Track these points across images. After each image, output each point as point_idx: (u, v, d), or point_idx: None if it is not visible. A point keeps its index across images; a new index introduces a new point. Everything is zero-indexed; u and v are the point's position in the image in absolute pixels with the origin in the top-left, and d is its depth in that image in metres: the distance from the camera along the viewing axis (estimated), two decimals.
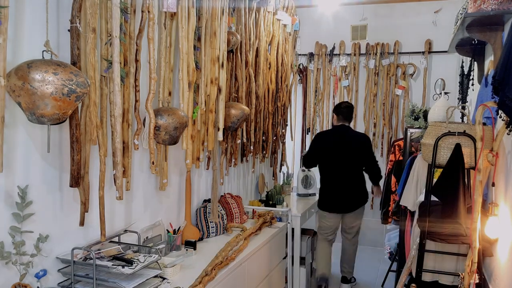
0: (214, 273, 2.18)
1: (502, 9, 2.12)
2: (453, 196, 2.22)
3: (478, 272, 2.14)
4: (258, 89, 3.49)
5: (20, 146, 1.62)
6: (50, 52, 1.52)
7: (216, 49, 2.67)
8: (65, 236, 1.84)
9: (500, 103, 1.77)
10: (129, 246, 2.09)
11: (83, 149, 1.75)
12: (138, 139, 2.09)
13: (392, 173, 3.89)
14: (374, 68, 5.05)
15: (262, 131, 3.69)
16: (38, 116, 1.45)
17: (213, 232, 2.85)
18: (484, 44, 2.87)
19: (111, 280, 1.78)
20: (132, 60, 2.01)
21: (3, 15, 1.39)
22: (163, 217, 2.55)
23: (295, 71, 4.63)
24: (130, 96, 2.02)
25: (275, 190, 3.88)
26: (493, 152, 2.09)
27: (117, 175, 1.89)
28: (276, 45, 3.79)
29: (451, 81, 4.57)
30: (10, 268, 1.58)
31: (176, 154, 2.62)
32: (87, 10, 1.67)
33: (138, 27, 2.05)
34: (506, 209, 2.02)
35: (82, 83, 1.49)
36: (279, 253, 3.25)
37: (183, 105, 2.38)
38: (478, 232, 2.07)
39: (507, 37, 1.84)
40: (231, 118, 2.91)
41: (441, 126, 2.35)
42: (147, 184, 2.38)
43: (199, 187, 2.97)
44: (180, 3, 2.29)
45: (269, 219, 3.20)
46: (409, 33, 4.95)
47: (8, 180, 1.57)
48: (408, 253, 2.86)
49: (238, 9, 3.15)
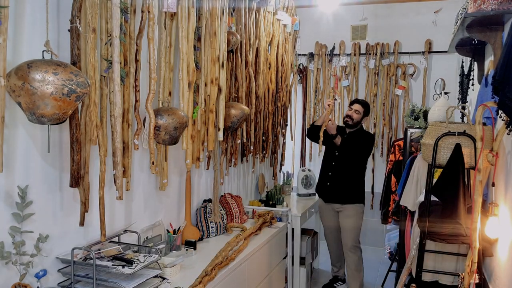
0: (214, 273, 2.18)
1: (502, 9, 2.12)
2: (453, 196, 2.22)
3: (478, 272, 2.14)
4: (258, 89, 3.49)
5: (20, 146, 1.62)
6: (50, 52, 1.52)
7: (216, 49, 2.67)
8: (65, 236, 1.84)
9: (500, 103, 1.77)
10: (129, 246, 2.09)
11: (83, 149, 1.75)
12: (138, 139, 2.09)
13: (392, 173, 3.89)
14: (374, 68, 5.05)
15: (262, 131, 3.69)
16: (38, 116, 1.45)
17: (213, 232, 2.85)
18: (484, 44, 2.87)
19: (111, 280, 1.78)
20: (132, 60, 2.01)
21: (3, 15, 1.39)
22: (163, 217, 2.55)
23: (295, 71, 4.63)
24: (130, 96, 2.02)
25: (275, 190, 3.88)
26: (493, 152, 2.09)
27: (117, 175, 1.89)
28: (276, 45, 3.79)
29: (451, 81, 4.57)
30: (10, 268, 1.58)
31: (176, 154, 2.62)
32: (87, 10, 1.67)
33: (138, 27, 2.05)
34: (506, 209, 2.02)
35: (82, 83, 1.49)
36: (279, 253, 3.25)
37: (183, 105, 2.38)
38: (478, 232, 2.07)
39: (507, 37, 1.84)
40: (231, 118, 2.91)
41: (441, 126, 2.35)
42: (147, 184, 2.38)
43: (199, 187, 2.97)
44: (180, 3, 2.29)
45: (269, 219, 3.20)
46: (409, 33, 4.95)
47: (8, 180, 1.57)
48: (408, 253, 2.86)
49: (238, 9, 3.15)
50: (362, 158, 3.77)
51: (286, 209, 3.50)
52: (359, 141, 3.69)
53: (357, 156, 3.72)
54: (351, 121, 3.71)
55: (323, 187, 3.87)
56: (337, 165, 3.76)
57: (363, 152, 3.74)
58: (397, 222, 3.91)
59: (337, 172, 3.76)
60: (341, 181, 3.75)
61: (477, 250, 2.08)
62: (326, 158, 3.88)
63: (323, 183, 3.86)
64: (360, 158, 3.75)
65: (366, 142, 3.75)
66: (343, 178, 3.74)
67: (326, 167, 3.85)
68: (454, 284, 2.43)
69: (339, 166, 3.75)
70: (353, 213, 3.74)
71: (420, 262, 2.42)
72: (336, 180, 3.76)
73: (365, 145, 3.72)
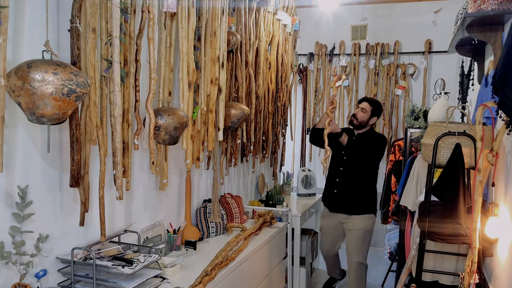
0: (214, 273, 2.18)
1: (502, 9, 2.12)
2: (453, 196, 2.22)
3: (478, 272, 2.13)
4: (258, 89, 3.49)
5: (20, 146, 1.61)
6: (50, 52, 1.52)
7: (216, 49, 2.67)
8: (65, 236, 1.84)
9: (500, 103, 1.77)
10: (129, 246, 2.09)
11: (83, 149, 1.75)
12: (138, 139, 2.09)
13: (392, 173, 3.89)
14: (374, 68, 5.05)
15: (262, 131, 3.69)
16: (38, 116, 1.45)
17: (213, 232, 2.85)
18: (484, 44, 2.87)
19: (111, 280, 1.78)
20: (132, 60, 2.01)
21: (3, 15, 1.39)
22: (163, 217, 2.55)
23: (295, 71, 4.63)
24: (130, 96, 2.02)
25: (275, 190, 3.88)
26: (493, 152, 2.09)
27: (117, 175, 1.89)
28: (276, 45, 3.79)
29: (451, 81, 4.57)
30: (10, 268, 1.58)
31: (176, 154, 2.62)
32: (87, 10, 1.67)
33: (138, 27, 2.05)
34: (506, 209, 2.02)
35: (82, 83, 1.49)
36: (279, 253, 3.25)
37: (183, 105, 2.38)
38: (478, 232, 2.07)
39: (507, 37, 1.84)
40: (231, 118, 2.91)
41: (441, 126, 2.35)
42: (147, 184, 2.38)
43: (199, 187, 2.97)
44: (180, 3, 2.29)
45: (269, 219, 3.20)
46: (409, 33, 4.95)
47: (8, 180, 1.57)
48: (408, 253, 2.86)
49: (238, 9, 3.15)
50: (373, 162, 3.43)
51: (286, 209, 3.50)
52: (368, 143, 3.35)
53: (367, 159, 3.37)
54: (355, 120, 3.42)
55: (329, 195, 3.54)
56: (345, 170, 3.43)
57: (374, 155, 3.39)
58: (397, 222, 3.91)
59: (345, 178, 3.43)
60: (350, 188, 3.42)
61: (477, 250, 2.08)
62: (333, 163, 3.52)
63: (329, 190, 3.52)
64: (370, 162, 3.40)
65: (377, 144, 3.39)
66: (352, 184, 3.41)
67: (333, 172, 3.51)
68: (454, 284, 2.43)
69: (347, 171, 3.42)
70: (362, 225, 3.40)
71: (420, 262, 2.42)
72: (345, 186, 3.43)
73: (375, 147, 3.37)
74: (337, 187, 3.45)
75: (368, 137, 3.40)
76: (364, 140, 3.38)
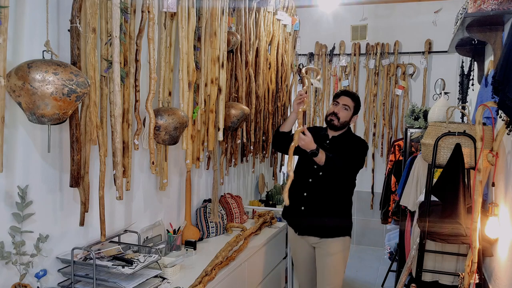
0: (214, 273, 2.18)
1: (502, 9, 2.13)
2: (453, 196, 2.22)
3: (478, 272, 2.14)
4: (258, 89, 3.49)
5: (20, 146, 1.62)
6: (50, 52, 1.52)
7: (216, 49, 2.67)
8: (65, 236, 1.84)
9: (500, 103, 1.77)
10: (129, 246, 2.09)
11: (83, 149, 1.75)
12: (138, 139, 2.09)
13: (392, 173, 3.89)
14: (374, 68, 5.05)
15: (262, 131, 3.69)
16: (38, 116, 1.45)
17: (213, 232, 2.85)
18: (484, 44, 2.87)
19: (111, 280, 1.78)
20: (132, 60, 2.01)
21: (3, 15, 1.39)
22: (163, 217, 2.55)
23: (295, 71, 4.63)
24: (130, 96, 2.02)
25: (275, 190, 3.88)
26: (493, 152, 2.09)
27: (117, 175, 1.89)
28: (276, 45, 3.79)
29: (451, 81, 4.57)
30: (10, 268, 1.58)
31: (176, 154, 2.62)
32: (87, 10, 1.67)
33: (138, 27, 2.05)
34: (506, 209, 2.03)
35: (82, 83, 1.49)
36: (279, 253, 3.25)
37: (183, 105, 2.38)
38: (478, 232, 2.07)
39: (507, 37, 1.84)
40: (231, 118, 2.91)
41: (441, 126, 2.35)
42: (147, 184, 2.38)
43: (199, 187, 2.97)
44: (180, 3, 2.29)
45: (269, 219, 3.20)
46: (409, 33, 4.95)
47: (8, 180, 1.57)
48: (408, 253, 2.86)
49: (238, 9, 3.15)
50: (350, 173, 2.56)
51: None
52: (348, 151, 2.51)
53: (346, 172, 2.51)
54: (337, 121, 2.57)
55: (294, 213, 2.63)
56: (316, 183, 2.56)
57: (353, 165, 2.52)
58: (397, 222, 3.92)
59: (315, 192, 2.57)
60: (321, 204, 2.56)
61: (477, 250, 2.08)
62: (300, 173, 2.59)
63: (295, 207, 2.56)
64: (348, 173, 2.54)
65: (358, 152, 2.56)
66: (324, 200, 2.56)
67: (300, 185, 2.57)
68: (454, 284, 2.43)
69: (318, 184, 2.56)
70: (336, 249, 2.56)
71: (420, 262, 2.42)
72: (314, 203, 2.57)
73: (355, 155, 2.53)
74: (305, 204, 2.58)
75: (347, 142, 2.59)
76: (342, 146, 2.57)
